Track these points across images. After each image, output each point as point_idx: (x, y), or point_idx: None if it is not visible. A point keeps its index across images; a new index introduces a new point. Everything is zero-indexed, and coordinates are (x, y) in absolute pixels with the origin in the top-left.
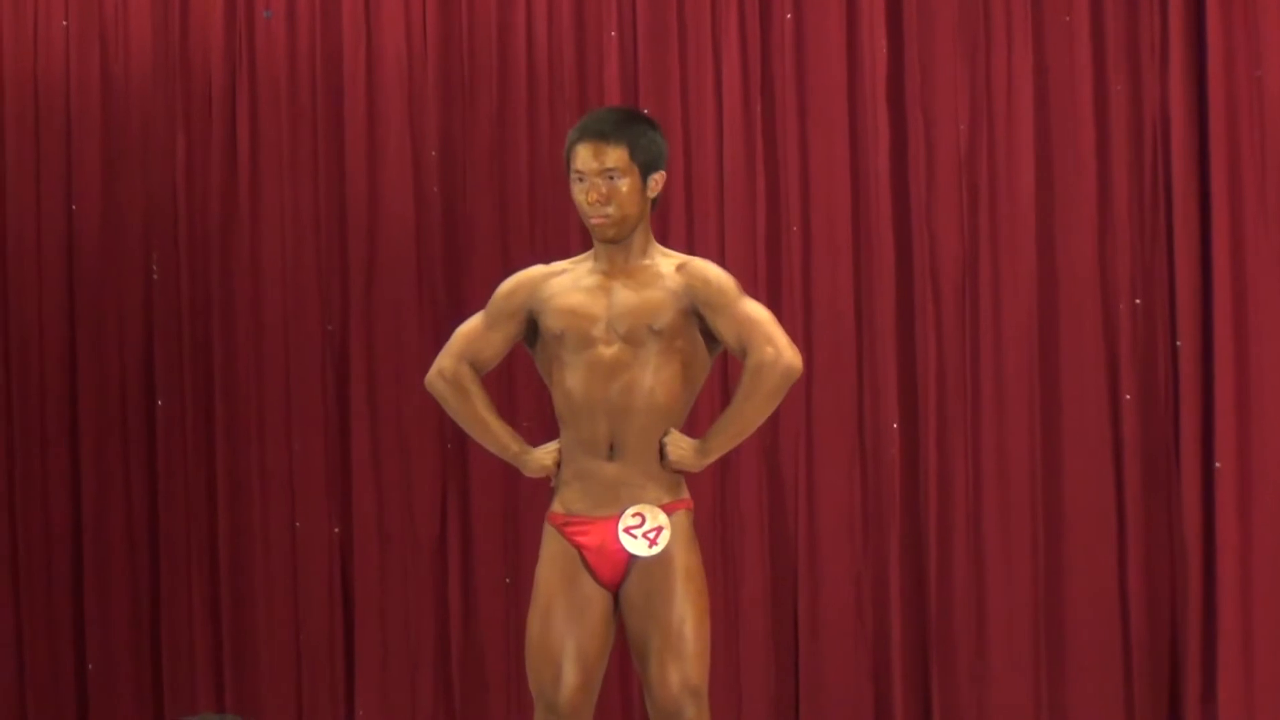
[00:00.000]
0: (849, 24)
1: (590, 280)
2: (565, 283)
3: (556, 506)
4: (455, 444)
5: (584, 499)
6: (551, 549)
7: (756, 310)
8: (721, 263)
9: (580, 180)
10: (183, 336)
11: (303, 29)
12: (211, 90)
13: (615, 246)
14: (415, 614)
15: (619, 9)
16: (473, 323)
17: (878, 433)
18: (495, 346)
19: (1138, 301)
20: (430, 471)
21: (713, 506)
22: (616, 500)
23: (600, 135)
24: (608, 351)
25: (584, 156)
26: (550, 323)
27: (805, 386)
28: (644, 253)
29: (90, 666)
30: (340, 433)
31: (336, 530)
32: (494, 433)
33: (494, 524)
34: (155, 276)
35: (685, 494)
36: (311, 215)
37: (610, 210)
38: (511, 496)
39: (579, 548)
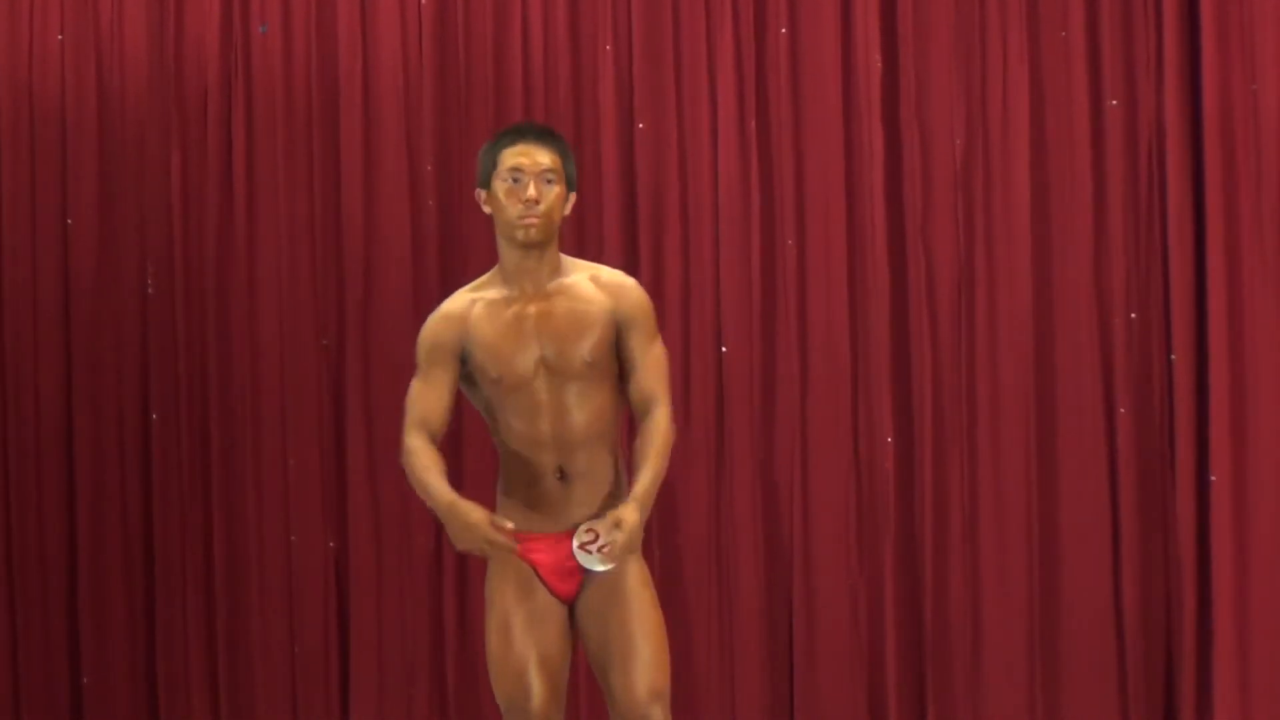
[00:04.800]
0: (844, 38)
1: (511, 311)
2: (485, 317)
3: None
4: (450, 459)
5: (534, 517)
6: (506, 566)
7: (661, 356)
8: (716, 278)
9: (515, 181)
10: (178, 351)
11: (298, 43)
12: (207, 104)
13: (527, 266)
14: (410, 627)
15: (614, 23)
16: (413, 388)
17: (872, 446)
18: (440, 401)
19: (1133, 315)
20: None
21: (708, 518)
22: (569, 517)
23: (539, 137)
24: (544, 392)
25: (524, 156)
26: (483, 365)
27: (800, 399)
28: (556, 270)
29: (86, 679)
30: (335, 446)
31: (332, 544)
32: (431, 492)
33: None
34: (150, 290)
35: None
36: (307, 229)
37: (542, 211)
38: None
39: (533, 565)
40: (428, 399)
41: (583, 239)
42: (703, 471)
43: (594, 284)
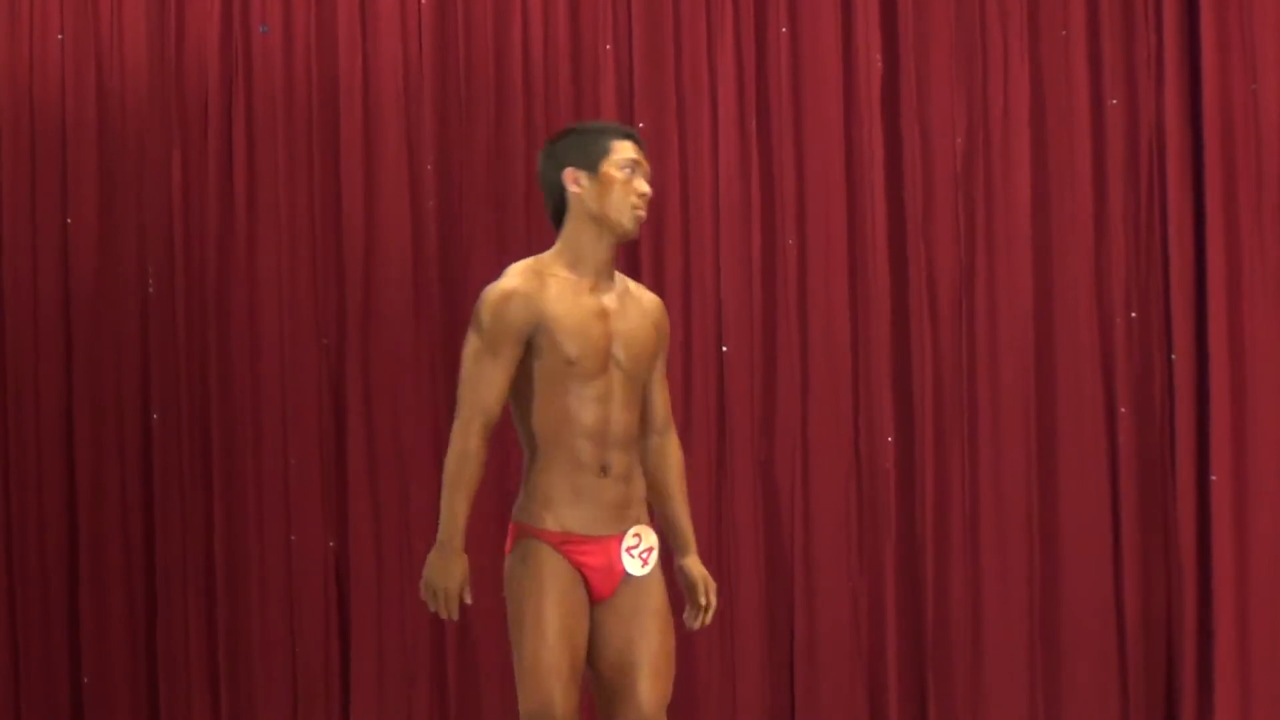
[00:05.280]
0: (844, 38)
1: (586, 299)
2: (561, 297)
3: (549, 524)
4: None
5: (581, 518)
6: (550, 566)
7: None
8: (716, 277)
9: (632, 172)
10: (179, 350)
11: (299, 44)
12: (207, 104)
13: (604, 257)
14: (411, 627)
15: (615, 23)
16: (478, 361)
17: (873, 446)
18: (504, 385)
19: (1133, 315)
20: (426, 485)
21: (709, 520)
22: (617, 520)
23: (643, 147)
24: (612, 385)
25: (639, 155)
26: (558, 345)
27: (801, 398)
28: (614, 272)
29: (86, 679)
30: (336, 446)
31: (332, 544)
32: (450, 512)
33: (490, 538)
34: (151, 290)
35: None
36: (308, 229)
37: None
38: (506, 510)
39: (581, 566)
40: (493, 382)
41: None
42: (703, 471)
43: (647, 299)
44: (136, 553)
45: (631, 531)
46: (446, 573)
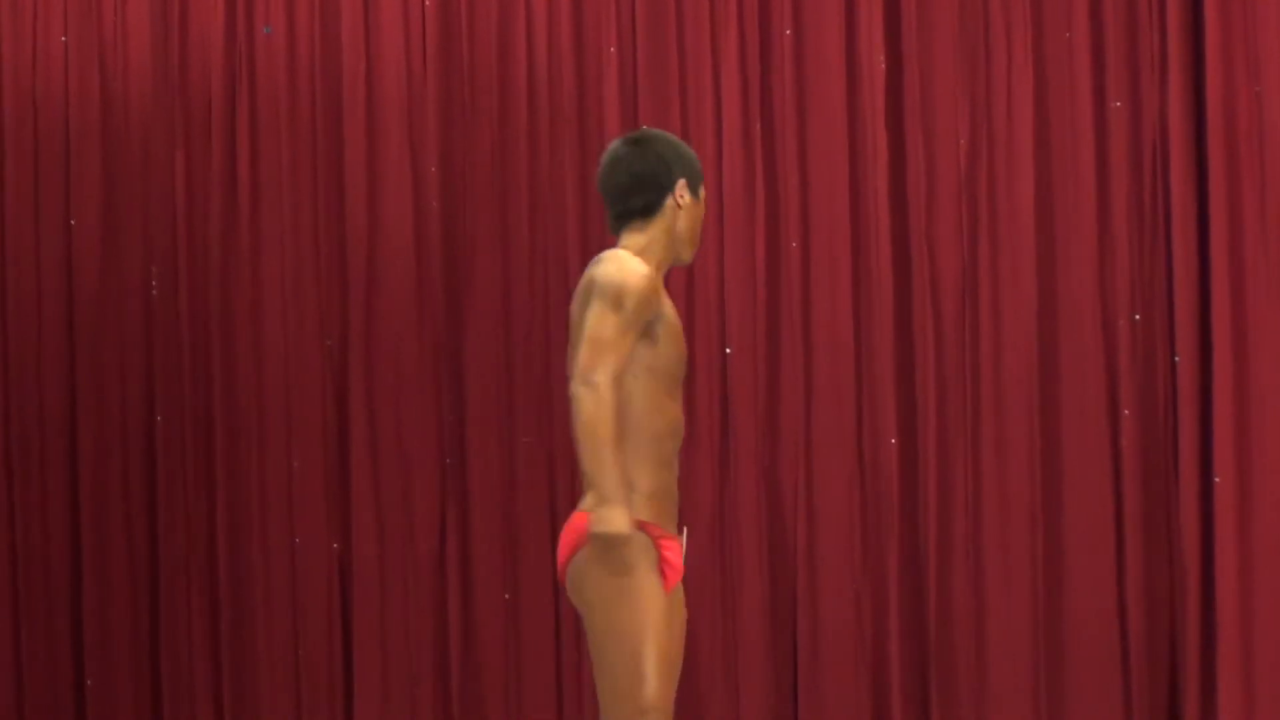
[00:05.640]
0: (848, 40)
1: (669, 304)
2: (664, 296)
3: (646, 516)
4: (454, 459)
5: (665, 514)
6: (646, 556)
7: None
8: (720, 280)
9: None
10: (183, 352)
11: (302, 45)
12: (211, 106)
13: (665, 272)
14: (415, 629)
15: (618, 25)
16: (614, 323)
17: (876, 448)
18: (626, 360)
19: (1136, 317)
20: (429, 487)
21: (712, 523)
22: (676, 519)
23: None
24: (681, 388)
25: None
26: (670, 343)
27: (805, 400)
28: None
29: (89, 683)
30: (340, 448)
31: (336, 545)
32: (606, 470)
33: (493, 539)
34: (155, 292)
35: None
36: (311, 230)
37: None
38: (511, 511)
39: (663, 562)
40: (624, 354)
41: (587, 240)
42: (707, 473)
43: None
44: (140, 554)
45: (684, 533)
46: (620, 521)
